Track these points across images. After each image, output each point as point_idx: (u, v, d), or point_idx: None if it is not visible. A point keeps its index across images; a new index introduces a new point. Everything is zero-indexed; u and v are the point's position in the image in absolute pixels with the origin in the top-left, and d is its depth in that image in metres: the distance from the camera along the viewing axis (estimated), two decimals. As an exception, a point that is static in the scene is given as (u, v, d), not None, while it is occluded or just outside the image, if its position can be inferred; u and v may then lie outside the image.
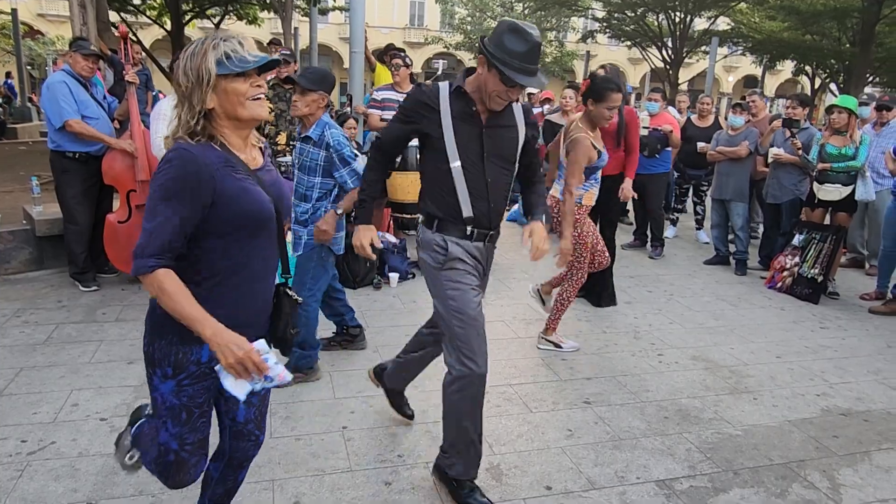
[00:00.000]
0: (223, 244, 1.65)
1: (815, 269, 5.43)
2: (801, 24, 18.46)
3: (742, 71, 40.56)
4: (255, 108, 1.63)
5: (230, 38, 1.61)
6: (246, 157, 1.72)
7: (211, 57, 1.56)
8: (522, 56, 2.17)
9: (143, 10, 16.87)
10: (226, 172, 1.61)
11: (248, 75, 1.61)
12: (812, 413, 3.43)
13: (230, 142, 1.67)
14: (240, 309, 1.70)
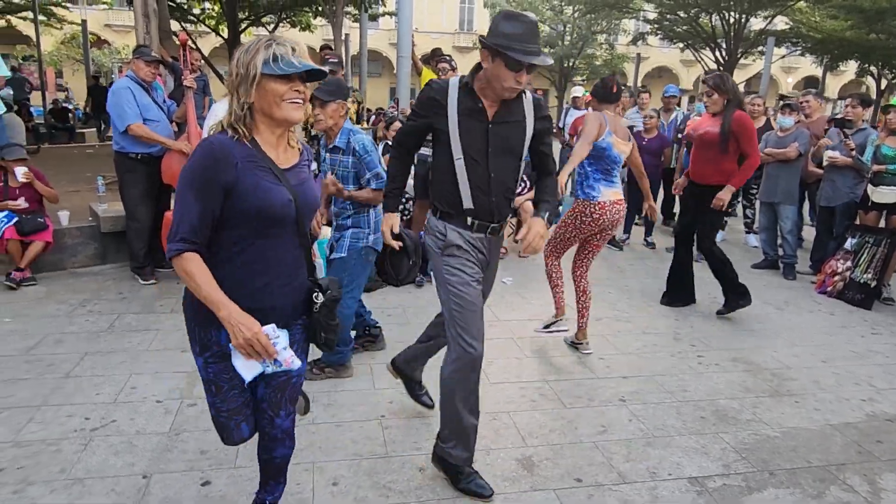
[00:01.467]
0: (239, 236, 1.76)
1: (868, 273, 5.27)
2: (864, 23, 17.77)
3: (802, 72, 39.23)
4: (289, 111, 1.73)
5: (283, 43, 1.72)
6: (277, 154, 1.81)
7: (260, 56, 1.68)
8: (521, 37, 2.24)
9: (203, 19, 17.57)
10: (247, 167, 1.71)
11: (291, 79, 1.71)
12: (856, 418, 3.36)
13: (264, 138, 1.78)
14: (254, 301, 1.78)
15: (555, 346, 4.14)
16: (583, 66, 32.72)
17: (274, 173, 1.77)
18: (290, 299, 1.89)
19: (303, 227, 1.88)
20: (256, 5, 16.66)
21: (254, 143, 1.76)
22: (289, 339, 1.83)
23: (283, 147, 1.85)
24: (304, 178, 1.89)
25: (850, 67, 26.95)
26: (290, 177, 1.82)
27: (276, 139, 1.81)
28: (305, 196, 1.85)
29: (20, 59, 26.95)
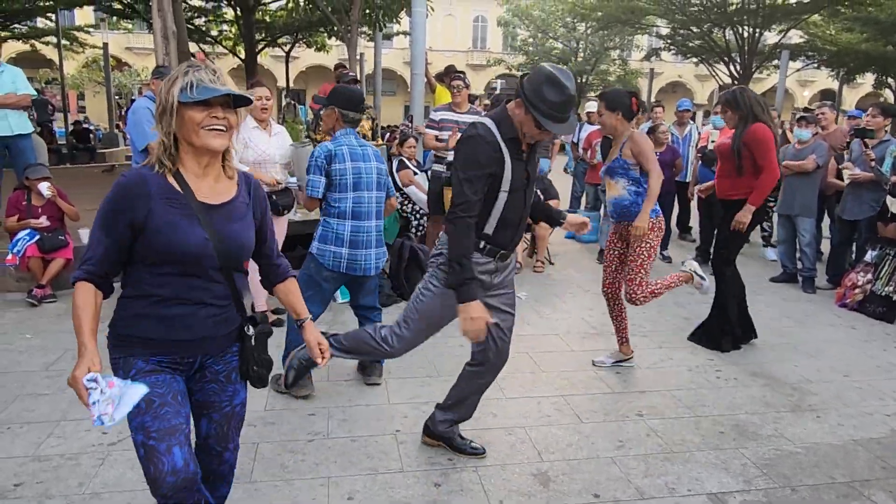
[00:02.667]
0: (154, 273, 1.72)
1: (889, 286, 5.18)
2: (880, 35, 17.65)
3: (818, 85, 38.97)
4: (208, 138, 1.67)
5: (202, 69, 1.67)
6: (204, 187, 1.75)
7: (178, 84, 1.64)
8: (559, 107, 2.36)
9: (220, 40, 17.92)
10: (162, 204, 1.68)
11: (209, 105, 1.65)
12: (881, 433, 3.29)
13: (189, 169, 1.73)
14: (169, 338, 1.75)
15: (570, 360, 4.12)
16: (596, 82, 32.81)
17: (191, 211, 1.71)
18: (217, 330, 1.82)
19: (229, 266, 1.79)
20: (273, 27, 16.96)
21: (178, 176, 1.72)
22: (124, 393, 1.63)
23: (215, 178, 1.79)
24: (237, 216, 1.81)
25: (867, 80, 26.74)
26: (216, 214, 1.75)
27: (202, 170, 1.76)
28: (231, 236, 1.77)
29: (43, 82, 27.63)
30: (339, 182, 3.36)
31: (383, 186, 3.53)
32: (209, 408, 1.89)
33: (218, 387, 1.88)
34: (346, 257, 3.38)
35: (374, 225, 3.47)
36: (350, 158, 3.39)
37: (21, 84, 5.81)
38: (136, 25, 26.32)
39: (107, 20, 18.44)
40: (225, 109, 1.69)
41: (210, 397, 1.89)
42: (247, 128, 4.28)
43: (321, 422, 3.19)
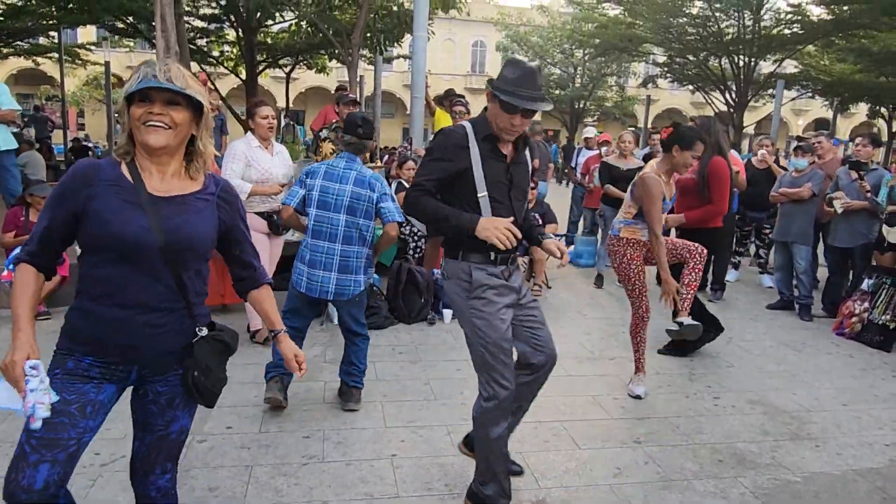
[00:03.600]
0: (97, 262, 1.68)
1: (886, 315, 5.19)
2: (874, 66, 17.88)
3: (812, 114, 39.40)
4: (144, 134, 1.64)
5: (152, 65, 1.64)
6: (156, 179, 1.72)
7: (131, 81, 1.64)
8: (517, 81, 2.32)
9: (222, 61, 18.06)
10: (107, 190, 1.66)
11: (150, 101, 1.63)
12: (880, 463, 3.27)
13: (141, 163, 1.72)
14: (105, 335, 1.69)
15: (568, 385, 4.09)
16: (593, 108, 33.12)
17: (138, 199, 1.68)
18: (158, 342, 1.72)
19: (177, 262, 1.71)
20: (274, 48, 17.11)
21: (131, 167, 1.71)
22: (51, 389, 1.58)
23: (173, 175, 1.76)
24: (190, 210, 1.75)
25: (861, 109, 27.06)
26: (165, 205, 1.71)
27: (154, 166, 1.73)
28: (178, 228, 1.70)
29: (44, 98, 27.74)
30: (308, 197, 3.44)
31: (360, 213, 3.41)
32: (144, 428, 1.83)
33: (157, 409, 1.80)
34: (305, 276, 3.43)
35: (339, 249, 3.40)
36: (323, 176, 3.43)
37: (5, 99, 5.84)
38: (138, 44, 26.53)
39: (109, 39, 18.56)
40: (170, 107, 1.64)
41: (147, 418, 1.82)
42: (250, 147, 4.30)
43: (316, 445, 3.15)
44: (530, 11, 31.71)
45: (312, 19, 11.05)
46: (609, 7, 22.22)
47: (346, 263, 3.42)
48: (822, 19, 17.70)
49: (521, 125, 2.41)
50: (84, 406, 1.67)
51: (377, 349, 4.51)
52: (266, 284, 2.00)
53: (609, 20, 21.96)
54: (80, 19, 13.58)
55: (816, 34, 17.88)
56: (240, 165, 4.22)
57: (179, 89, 1.63)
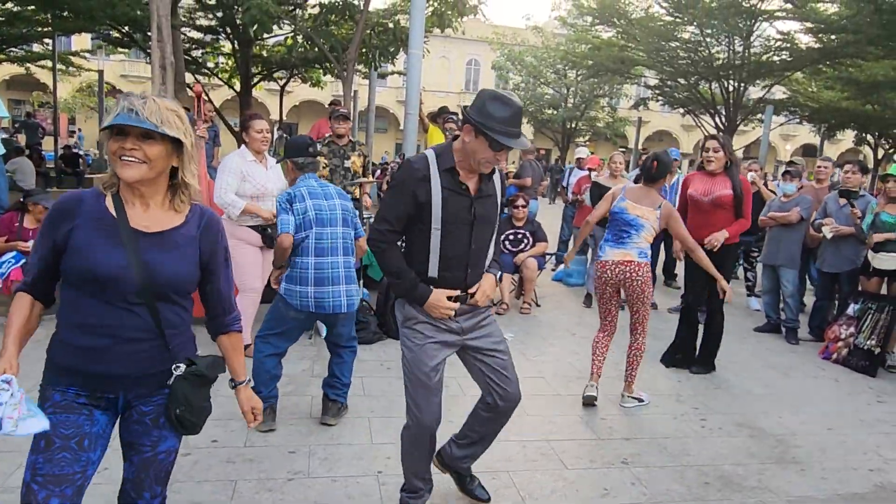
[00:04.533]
0: (76, 294, 1.69)
1: (871, 340, 5.24)
2: (860, 94, 18.22)
3: (800, 139, 39.99)
4: (119, 168, 1.65)
5: (130, 99, 1.63)
6: (141, 214, 1.72)
7: (108, 116, 1.64)
8: (507, 121, 2.31)
9: (216, 72, 18.10)
10: (87, 224, 1.67)
11: (126, 135, 1.63)
12: (864, 488, 3.28)
13: (125, 195, 1.73)
14: (86, 362, 1.69)
15: (556, 404, 4.09)
16: (585, 128, 33.42)
17: (117, 234, 1.68)
18: (138, 368, 1.73)
19: (155, 299, 1.71)
20: (269, 61, 17.17)
21: (116, 199, 1.71)
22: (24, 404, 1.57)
23: (158, 207, 1.76)
24: (171, 246, 1.75)
25: (848, 136, 27.47)
26: (146, 241, 1.71)
27: (137, 199, 1.73)
28: (158, 265, 1.70)
29: (36, 105, 27.63)
30: (303, 220, 3.43)
31: (350, 223, 3.57)
32: (131, 449, 1.82)
33: (142, 429, 1.79)
34: (313, 296, 3.37)
35: (342, 261, 3.46)
36: (309, 197, 3.48)
37: None
38: (133, 53, 26.57)
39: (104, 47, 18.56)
40: (144, 141, 1.63)
41: (133, 438, 1.80)
42: (245, 161, 4.31)
43: (302, 460, 3.12)
44: (525, 32, 32.03)
45: (308, 34, 11.10)
46: (602, 30, 22.52)
47: (349, 274, 3.51)
48: (810, 48, 18.04)
49: (502, 159, 2.45)
50: (81, 440, 1.68)
51: (365, 364, 4.49)
52: (237, 333, 1.97)
53: (602, 42, 22.25)
54: (76, 26, 13.59)
55: (804, 62, 18.21)
56: (235, 179, 4.22)
57: (152, 127, 1.62)
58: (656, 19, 19.79)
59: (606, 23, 21.08)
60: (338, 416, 3.58)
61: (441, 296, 2.42)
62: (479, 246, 2.50)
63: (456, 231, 2.42)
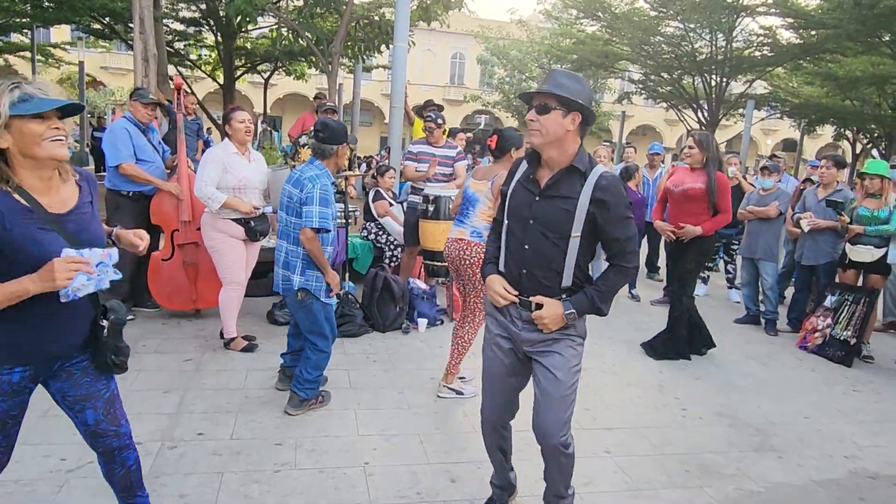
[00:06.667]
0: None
1: (847, 331, 5.35)
2: (839, 90, 18.50)
3: (781, 134, 40.44)
4: (53, 149, 1.73)
5: (31, 84, 1.72)
6: (50, 199, 1.78)
7: (5, 99, 1.66)
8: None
9: (199, 65, 17.92)
10: (16, 221, 1.69)
11: (47, 118, 1.70)
12: (839, 475, 3.37)
13: (28, 184, 1.75)
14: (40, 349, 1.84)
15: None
16: (570, 122, 33.49)
17: (47, 224, 1.74)
18: (82, 336, 1.93)
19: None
20: (253, 54, 17.04)
21: (20, 192, 1.73)
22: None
23: (57, 188, 1.82)
24: (85, 224, 1.86)
25: (827, 131, 27.87)
26: (69, 223, 1.81)
27: (43, 183, 1.78)
28: (90, 240, 1.82)
29: (14, 97, 27.11)
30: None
31: (292, 212, 3.48)
32: (90, 399, 2.01)
33: (91, 378, 2.00)
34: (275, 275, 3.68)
35: (283, 245, 3.57)
36: (287, 180, 3.60)
37: None
38: (114, 45, 26.20)
39: (84, 39, 18.30)
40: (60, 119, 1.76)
41: (88, 389, 2.00)
42: (227, 153, 4.30)
43: (288, 452, 3.14)
44: (509, 25, 32.02)
45: (293, 26, 11.03)
46: (587, 23, 22.61)
47: (286, 260, 3.54)
48: (791, 43, 18.26)
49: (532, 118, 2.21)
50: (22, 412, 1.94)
51: (351, 357, 4.51)
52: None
53: (587, 36, 22.34)
54: (56, 18, 13.37)
55: (785, 57, 18.43)
56: (216, 172, 4.20)
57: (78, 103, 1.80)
58: (641, 13, 19.92)
59: (591, 16, 21.15)
60: (298, 408, 3.56)
61: (496, 281, 2.37)
62: (535, 249, 2.28)
63: (516, 227, 2.33)
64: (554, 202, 2.25)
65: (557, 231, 2.24)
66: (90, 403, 2.00)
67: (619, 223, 2.23)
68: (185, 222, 4.86)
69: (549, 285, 2.29)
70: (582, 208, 2.21)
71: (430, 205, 5.36)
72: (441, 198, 5.30)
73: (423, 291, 5.53)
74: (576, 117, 2.21)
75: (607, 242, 2.29)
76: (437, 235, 5.40)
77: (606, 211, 2.20)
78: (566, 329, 2.32)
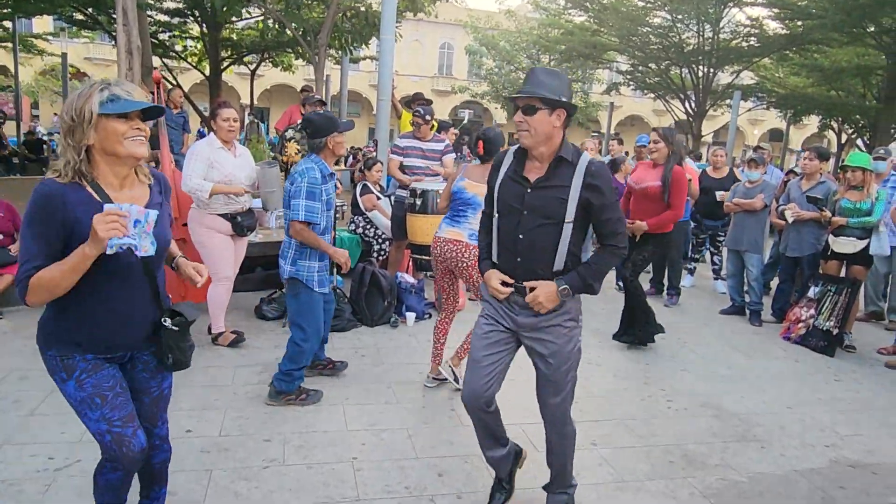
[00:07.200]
0: (86, 279, 1.76)
1: (830, 321, 5.43)
2: (824, 81, 18.61)
3: (767, 124, 40.66)
4: (133, 147, 1.81)
5: (119, 85, 1.81)
6: (121, 195, 1.86)
7: (95, 98, 1.75)
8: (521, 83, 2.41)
9: (185, 56, 17.73)
10: (85, 212, 1.75)
11: (130, 118, 1.80)
12: (820, 464, 3.43)
13: (106, 180, 1.85)
14: (101, 329, 1.90)
15: (526, 389, 4.16)
16: (558, 113, 33.51)
17: None
18: (145, 331, 2.00)
19: (151, 268, 1.95)
20: (239, 45, 16.89)
21: (95, 187, 1.82)
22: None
23: (130, 186, 1.92)
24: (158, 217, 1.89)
25: (813, 121, 28.05)
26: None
27: (120, 180, 1.88)
28: (158, 238, 1.85)
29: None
30: None
31: (287, 205, 3.62)
32: (141, 392, 2.09)
33: (148, 374, 2.09)
34: None
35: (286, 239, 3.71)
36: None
37: None
38: (97, 36, 25.86)
39: (67, 30, 18.03)
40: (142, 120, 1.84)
41: (142, 384, 2.08)
42: (213, 148, 4.27)
43: (277, 448, 3.16)
44: (498, 15, 31.92)
45: (279, 17, 10.95)
46: (575, 14, 22.58)
47: (282, 249, 3.70)
48: (777, 34, 18.35)
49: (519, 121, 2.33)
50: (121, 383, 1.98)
51: (339, 352, 4.52)
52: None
53: (575, 27, 22.31)
54: (37, 8, 13.17)
55: (772, 48, 18.53)
56: (202, 166, 4.18)
57: (159, 106, 1.90)
58: (628, 4, 19.91)
59: (579, 6, 21.13)
60: (274, 399, 3.63)
61: (493, 276, 2.49)
62: (529, 238, 2.39)
63: (508, 219, 2.44)
64: (547, 192, 2.36)
65: (552, 218, 2.36)
66: (138, 397, 2.08)
67: (610, 206, 2.38)
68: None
69: (543, 271, 2.41)
70: (575, 195, 2.33)
71: (418, 199, 5.36)
72: (428, 192, 5.30)
73: (411, 285, 5.54)
74: (560, 114, 2.33)
75: (600, 224, 2.42)
76: (424, 229, 5.41)
77: (600, 195, 2.34)
78: (560, 311, 2.43)
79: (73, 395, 1.92)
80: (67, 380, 1.91)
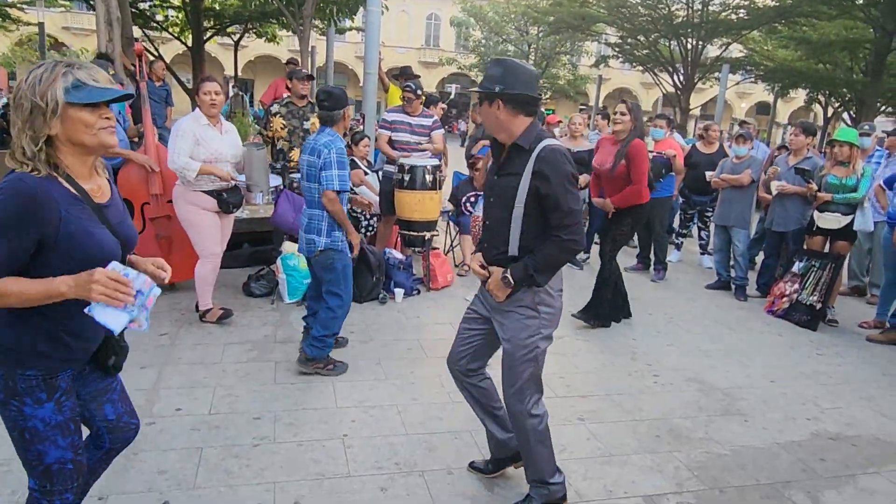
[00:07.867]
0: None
1: (813, 296, 5.50)
2: (812, 54, 18.61)
3: (755, 97, 40.71)
4: (105, 136, 1.64)
5: (83, 67, 1.62)
6: (91, 186, 1.71)
7: (59, 84, 1.56)
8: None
9: (166, 26, 17.32)
10: (73, 213, 1.61)
11: (99, 107, 1.63)
12: (801, 436, 3.51)
13: (74, 171, 1.66)
14: (88, 348, 1.81)
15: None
16: (546, 86, 33.35)
17: (93, 214, 1.68)
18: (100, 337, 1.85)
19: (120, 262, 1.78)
20: (222, 15, 16.52)
21: (68, 178, 1.64)
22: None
23: (95, 177, 1.75)
24: (122, 215, 1.82)
25: (800, 95, 28.12)
26: (108, 214, 1.74)
27: (88, 170, 1.72)
28: (127, 235, 1.78)
29: (-29, 59, 26.06)
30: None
31: (313, 178, 3.69)
32: (105, 393, 1.97)
33: (98, 376, 1.94)
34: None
35: (308, 212, 3.79)
36: (303, 151, 3.80)
37: None
38: (75, 5, 25.19)
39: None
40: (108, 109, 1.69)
41: (100, 384, 1.95)
42: (198, 125, 4.20)
43: (267, 426, 3.17)
44: (486, -15, 31.52)
45: (262, -13, 10.71)
46: (564, -16, 22.33)
47: (310, 224, 3.75)
48: (766, 6, 18.26)
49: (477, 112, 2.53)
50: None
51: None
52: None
53: (564, -3, 22.09)
54: (11, -24, 12.78)
55: (761, 20, 18.46)
56: (187, 143, 4.11)
57: (128, 92, 1.74)
58: (617, -26, 19.71)
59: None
60: (304, 365, 3.77)
61: (475, 259, 2.59)
62: (491, 224, 2.49)
63: (485, 206, 2.57)
64: (506, 179, 2.42)
65: (508, 205, 2.39)
66: (107, 397, 1.97)
67: (558, 195, 2.30)
68: (155, 195, 4.76)
69: (499, 257, 2.46)
70: (525, 181, 2.34)
71: (406, 174, 5.33)
72: (417, 167, 5.27)
73: (399, 261, 5.54)
74: (498, 103, 2.36)
75: (547, 213, 2.35)
76: (412, 205, 5.40)
77: (546, 182, 2.30)
78: (514, 299, 2.44)
79: (48, 419, 1.71)
80: (46, 401, 1.69)
